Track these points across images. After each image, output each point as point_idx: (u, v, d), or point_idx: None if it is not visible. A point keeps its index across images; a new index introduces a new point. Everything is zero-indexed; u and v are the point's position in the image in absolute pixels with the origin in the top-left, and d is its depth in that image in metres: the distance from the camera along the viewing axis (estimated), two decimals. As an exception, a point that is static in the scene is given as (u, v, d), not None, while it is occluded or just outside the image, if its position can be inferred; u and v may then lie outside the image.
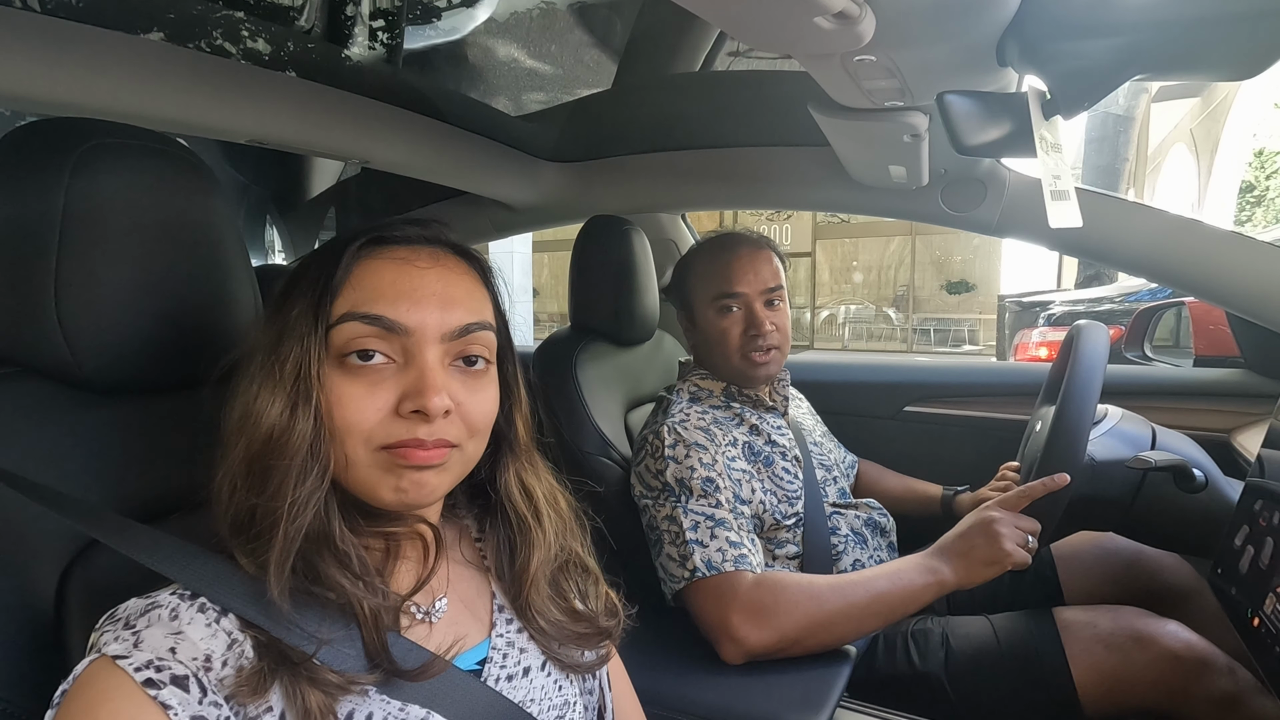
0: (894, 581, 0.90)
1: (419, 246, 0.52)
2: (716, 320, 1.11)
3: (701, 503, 0.96)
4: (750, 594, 0.88)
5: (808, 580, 0.91)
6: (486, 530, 0.60)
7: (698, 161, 1.36)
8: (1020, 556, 0.88)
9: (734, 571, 0.91)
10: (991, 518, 0.90)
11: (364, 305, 0.48)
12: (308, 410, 0.46)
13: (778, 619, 0.87)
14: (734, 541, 0.94)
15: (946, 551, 0.91)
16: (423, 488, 0.49)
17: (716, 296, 1.10)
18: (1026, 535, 0.89)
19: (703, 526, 0.94)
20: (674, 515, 0.96)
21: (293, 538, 0.45)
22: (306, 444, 0.46)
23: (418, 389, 0.48)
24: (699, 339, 1.15)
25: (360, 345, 0.48)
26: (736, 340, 1.10)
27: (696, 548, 0.93)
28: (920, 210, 1.23)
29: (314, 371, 0.47)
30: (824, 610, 0.87)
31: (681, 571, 0.93)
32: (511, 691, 0.53)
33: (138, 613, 0.43)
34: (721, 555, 0.92)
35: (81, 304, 0.54)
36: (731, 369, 1.12)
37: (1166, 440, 0.96)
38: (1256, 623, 0.70)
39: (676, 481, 0.99)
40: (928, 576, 0.90)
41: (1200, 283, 1.09)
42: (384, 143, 1.18)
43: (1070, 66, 0.62)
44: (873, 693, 0.98)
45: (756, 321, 1.09)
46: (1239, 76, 0.59)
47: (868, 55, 0.63)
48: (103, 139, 0.56)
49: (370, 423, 0.48)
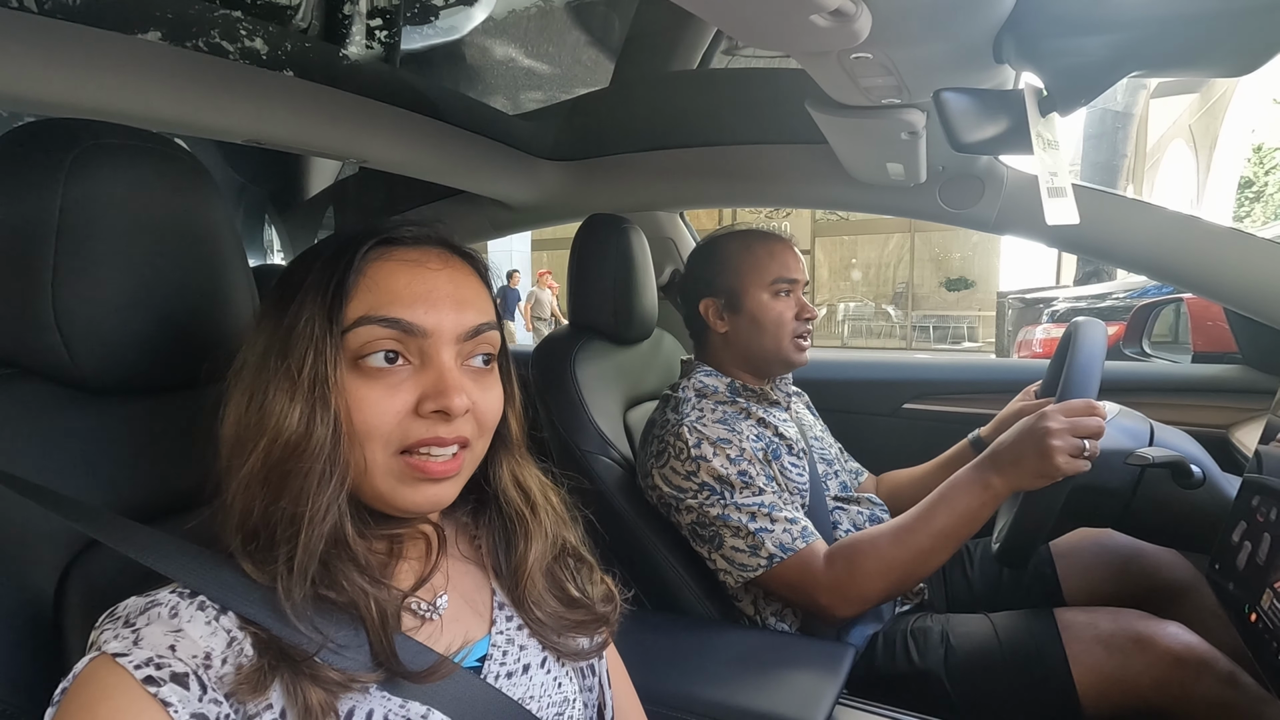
0: (951, 512, 0.91)
1: (429, 248, 0.52)
2: (773, 304, 1.13)
3: (746, 494, 0.99)
4: (828, 573, 0.94)
5: (873, 543, 0.94)
6: (481, 525, 0.61)
7: (696, 159, 1.36)
8: (1073, 467, 0.84)
9: (806, 547, 0.95)
10: (1045, 428, 0.86)
11: (381, 308, 0.48)
12: (327, 415, 0.46)
13: (858, 590, 0.92)
14: (792, 519, 0.98)
15: (997, 460, 0.90)
16: (439, 497, 0.51)
17: (775, 280, 1.13)
18: (1083, 443, 0.85)
19: (760, 514, 0.97)
20: (726, 511, 0.98)
21: (315, 545, 0.45)
22: (326, 450, 0.46)
23: (439, 390, 0.48)
24: (743, 324, 1.14)
25: (379, 348, 0.48)
26: (791, 323, 1.13)
27: (765, 535, 0.96)
28: (918, 207, 1.23)
29: (331, 376, 0.47)
30: (897, 568, 0.92)
31: (756, 560, 0.96)
32: (511, 688, 0.53)
33: (137, 611, 0.43)
34: (790, 535, 0.96)
35: (78, 305, 0.54)
36: (781, 351, 1.13)
37: (1164, 436, 0.96)
38: (1254, 618, 0.70)
39: (715, 479, 1.00)
40: (982, 494, 0.90)
41: (1198, 279, 1.09)
42: (382, 142, 1.18)
43: (1067, 63, 0.62)
44: (872, 690, 0.98)
45: (806, 306, 1.14)
46: (1236, 72, 0.59)
47: (864, 53, 0.63)
48: (99, 140, 0.56)
49: (390, 425, 0.48)
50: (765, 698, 0.82)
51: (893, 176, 1.11)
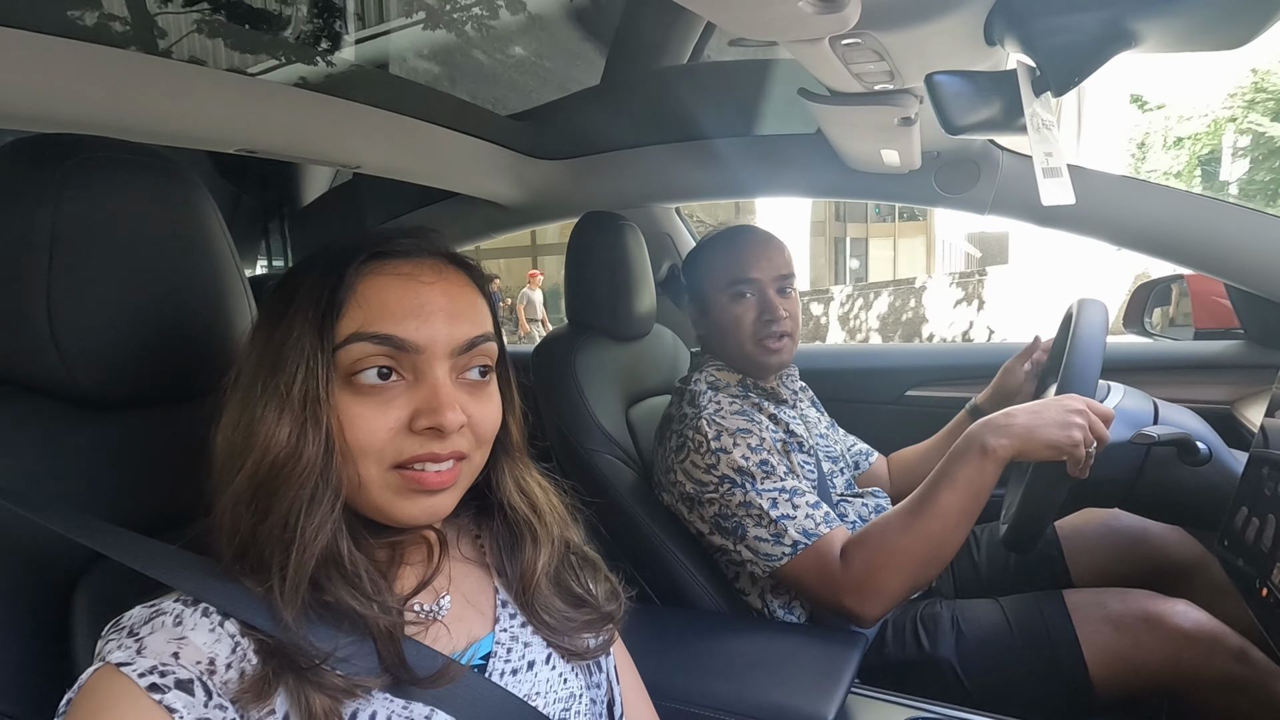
0: (953, 486, 0.87)
1: (421, 260, 0.51)
2: (730, 306, 1.10)
3: (767, 482, 0.97)
4: (845, 573, 0.91)
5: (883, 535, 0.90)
6: (484, 527, 0.61)
7: (690, 153, 1.36)
8: (1078, 451, 0.82)
9: (830, 532, 0.93)
10: (1072, 404, 0.84)
11: (372, 324, 0.47)
12: (318, 433, 0.46)
13: (883, 587, 0.89)
14: (814, 503, 0.96)
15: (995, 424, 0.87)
16: (436, 509, 0.50)
17: (731, 282, 1.10)
18: (1094, 439, 0.83)
19: (782, 501, 0.96)
20: (748, 500, 0.97)
21: (305, 565, 0.45)
22: (317, 468, 0.45)
23: (432, 406, 0.48)
24: (712, 328, 1.14)
25: (371, 365, 0.47)
26: (750, 326, 1.09)
27: (788, 522, 0.94)
28: (914, 193, 1.22)
29: (323, 394, 0.46)
30: (914, 556, 0.89)
31: (780, 548, 0.94)
32: (516, 685, 0.53)
33: (141, 620, 0.43)
34: (813, 521, 0.94)
35: (75, 320, 0.54)
36: (745, 356, 1.11)
37: (1169, 414, 0.95)
38: (1265, 593, 0.70)
39: (736, 470, 0.98)
40: (981, 460, 0.86)
41: (1199, 255, 1.08)
42: (374, 147, 1.17)
43: (1058, 42, 0.62)
44: (884, 678, 0.98)
45: (770, 307, 1.09)
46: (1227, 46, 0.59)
47: (854, 39, 0.63)
48: (89, 154, 0.56)
49: (383, 442, 0.47)
50: (777, 690, 0.82)
51: (888, 163, 1.11)
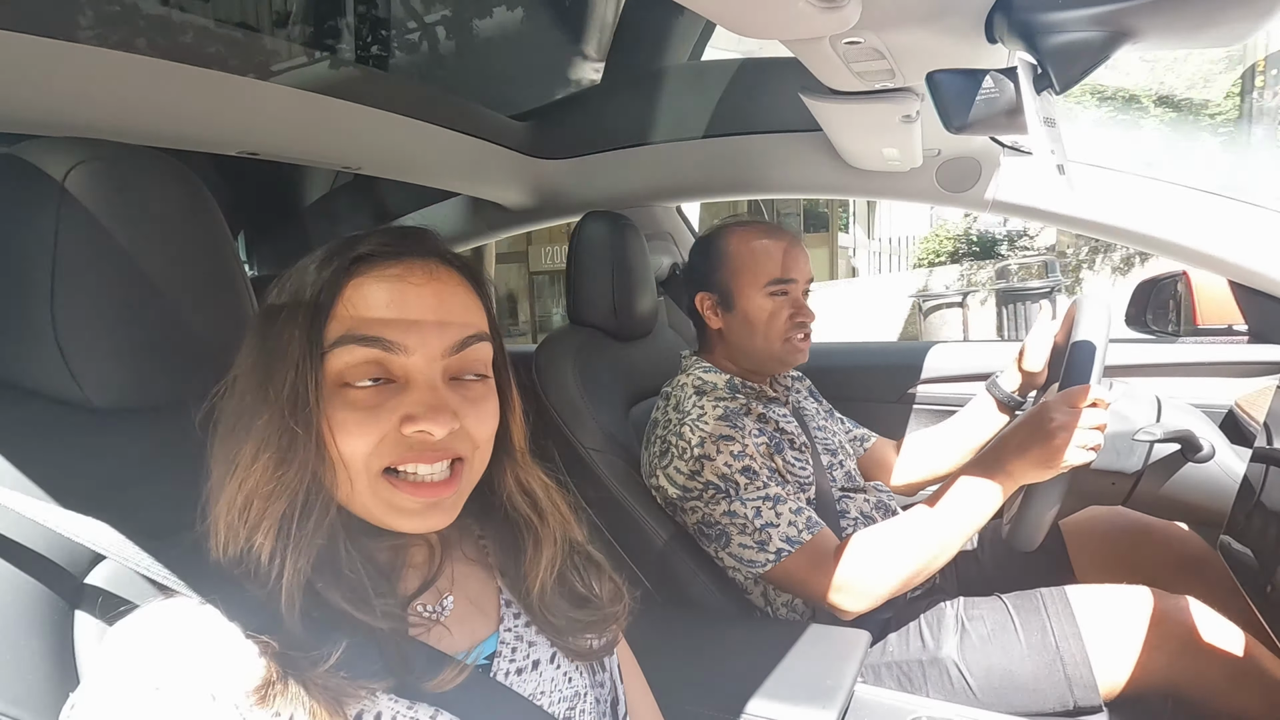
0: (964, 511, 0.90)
1: (412, 261, 0.50)
2: (766, 304, 1.11)
3: (750, 490, 0.98)
4: (836, 568, 0.93)
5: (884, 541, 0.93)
6: (486, 528, 0.60)
7: (691, 152, 1.35)
8: (1079, 458, 0.84)
9: (813, 537, 0.95)
10: (1050, 420, 0.86)
11: (360, 328, 0.47)
12: (308, 439, 0.45)
13: (868, 586, 0.92)
14: (797, 509, 0.97)
15: (1004, 454, 0.90)
16: (436, 517, 0.49)
17: (771, 281, 1.11)
18: (1088, 435, 0.85)
19: (765, 509, 0.97)
20: (732, 509, 0.98)
21: (301, 569, 0.44)
22: (308, 473, 0.45)
23: (420, 411, 0.47)
24: (735, 323, 1.14)
25: (359, 369, 0.47)
26: (783, 324, 1.11)
27: (772, 529, 0.96)
28: (915, 191, 1.22)
29: (312, 399, 0.45)
30: (909, 565, 0.91)
31: (764, 555, 0.96)
32: (521, 685, 0.53)
33: (145, 623, 0.43)
34: (795, 528, 0.96)
35: (79, 325, 0.54)
36: (770, 352, 1.13)
37: (1172, 412, 0.95)
38: (1269, 589, 0.70)
39: (720, 478, 0.99)
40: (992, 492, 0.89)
41: (1202, 253, 1.08)
42: (374, 148, 1.17)
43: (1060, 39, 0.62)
44: (888, 677, 0.98)
45: (803, 307, 1.13)
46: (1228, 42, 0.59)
47: (855, 38, 0.63)
48: (93, 158, 0.56)
49: (371, 446, 0.47)
50: (781, 691, 0.82)
51: (889, 161, 1.11)
